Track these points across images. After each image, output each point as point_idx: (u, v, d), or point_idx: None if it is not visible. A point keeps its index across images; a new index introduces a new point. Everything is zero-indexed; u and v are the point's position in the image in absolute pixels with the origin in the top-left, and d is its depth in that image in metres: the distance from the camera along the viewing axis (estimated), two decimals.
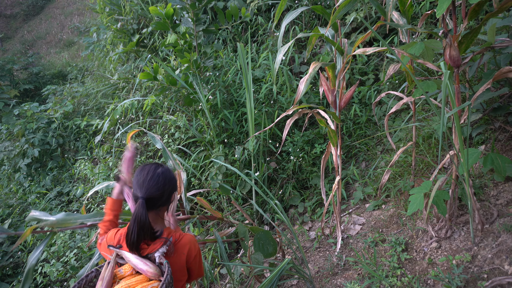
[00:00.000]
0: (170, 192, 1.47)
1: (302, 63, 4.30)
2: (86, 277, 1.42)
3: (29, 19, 14.62)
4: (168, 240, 1.39)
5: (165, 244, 1.38)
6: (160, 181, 1.41)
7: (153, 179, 1.41)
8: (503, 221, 2.17)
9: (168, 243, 1.39)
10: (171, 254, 1.39)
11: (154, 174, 1.42)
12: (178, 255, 1.43)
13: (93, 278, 1.43)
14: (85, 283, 1.41)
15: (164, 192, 1.42)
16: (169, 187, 1.45)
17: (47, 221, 1.78)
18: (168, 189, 1.45)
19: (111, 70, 6.24)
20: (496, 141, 2.64)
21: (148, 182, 1.39)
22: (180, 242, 1.45)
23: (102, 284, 1.30)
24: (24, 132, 5.84)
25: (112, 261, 1.36)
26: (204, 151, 3.80)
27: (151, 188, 1.38)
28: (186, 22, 3.68)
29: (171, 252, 1.39)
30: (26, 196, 5.51)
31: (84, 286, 1.41)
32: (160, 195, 1.41)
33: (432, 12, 2.29)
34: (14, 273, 4.41)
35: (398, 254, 2.41)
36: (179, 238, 1.46)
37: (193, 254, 1.48)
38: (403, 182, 2.88)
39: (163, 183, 1.42)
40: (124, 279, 1.35)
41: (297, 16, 2.52)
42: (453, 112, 1.72)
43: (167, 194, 1.45)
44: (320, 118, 2.44)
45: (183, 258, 1.44)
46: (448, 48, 1.88)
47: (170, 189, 1.46)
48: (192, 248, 1.48)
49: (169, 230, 1.47)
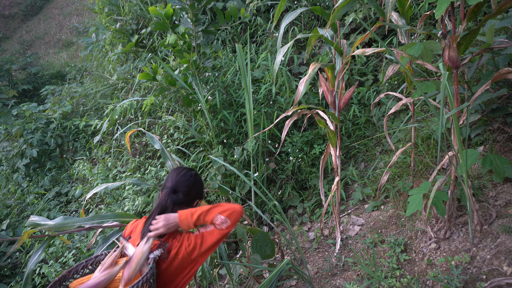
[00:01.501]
0: (196, 195, 1.55)
1: (301, 63, 4.31)
2: (95, 257, 1.50)
3: (27, 19, 14.59)
4: (163, 245, 1.41)
5: (160, 247, 1.40)
6: (190, 180, 1.52)
7: (185, 176, 1.52)
8: (501, 222, 2.18)
9: (162, 248, 1.40)
10: (164, 259, 1.41)
11: (187, 173, 1.54)
12: (171, 261, 1.43)
13: (101, 260, 1.50)
14: (93, 262, 1.49)
15: (190, 191, 1.52)
16: (196, 189, 1.55)
17: (46, 225, 1.78)
18: (195, 191, 1.54)
19: (110, 70, 6.23)
20: (495, 142, 2.64)
21: (179, 177, 1.51)
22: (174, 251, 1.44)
23: (101, 269, 1.35)
24: (22, 132, 5.82)
25: (118, 250, 1.42)
26: (203, 152, 3.80)
27: (180, 182, 1.50)
28: (186, 23, 3.68)
29: (164, 258, 1.40)
30: (24, 196, 5.50)
31: (91, 265, 1.48)
32: (187, 192, 1.50)
33: (431, 13, 2.30)
34: (12, 273, 4.40)
35: (397, 255, 2.41)
36: (175, 247, 1.44)
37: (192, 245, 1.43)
38: (402, 183, 2.88)
39: (192, 182, 1.53)
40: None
41: (296, 16, 2.52)
42: (452, 113, 1.72)
43: (193, 195, 1.53)
44: (319, 119, 2.44)
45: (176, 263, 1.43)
46: (447, 49, 1.89)
47: (196, 191, 1.55)
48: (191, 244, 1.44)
49: (172, 235, 1.47)
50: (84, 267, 1.47)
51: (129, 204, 3.74)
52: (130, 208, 3.73)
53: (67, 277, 1.41)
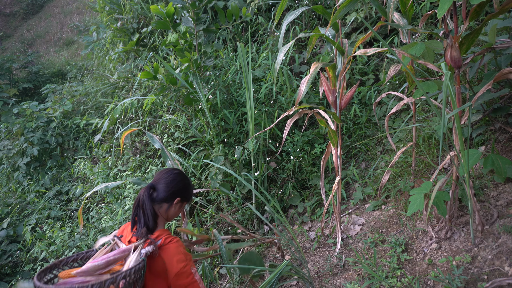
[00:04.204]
0: (175, 192, 1.56)
1: (302, 63, 4.30)
2: (86, 252, 1.57)
3: (28, 17, 14.59)
4: (153, 242, 1.43)
5: (151, 244, 1.42)
6: (170, 178, 1.56)
7: (167, 174, 1.58)
8: (503, 222, 2.17)
9: (154, 245, 1.42)
10: (155, 256, 1.43)
11: (169, 171, 1.59)
12: (158, 260, 1.43)
13: (91, 256, 1.56)
14: (83, 257, 1.55)
15: (169, 188, 1.54)
16: (176, 186, 1.56)
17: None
18: (175, 188, 1.55)
19: (111, 69, 6.22)
20: (497, 142, 2.64)
21: (161, 175, 1.58)
22: (165, 247, 1.45)
23: (91, 261, 1.38)
24: (23, 131, 5.83)
25: (109, 247, 1.48)
26: (204, 151, 3.79)
27: (160, 179, 1.55)
28: (187, 22, 3.67)
29: (155, 254, 1.42)
30: (25, 195, 5.50)
31: (81, 259, 1.54)
32: (165, 188, 1.53)
33: (432, 12, 2.29)
34: (13, 272, 4.40)
35: (398, 255, 2.41)
36: (165, 243, 1.46)
37: (174, 263, 1.41)
38: (403, 183, 2.88)
39: (172, 180, 1.56)
40: None
41: (297, 16, 2.51)
42: (453, 113, 1.72)
43: (172, 192, 1.54)
44: (320, 118, 2.44)
45: (161, 265, 1.43)
46: (449, 48, 1.88)
47: (177, 188, 1.56)
48: (174, 259, 1.42)
49: (162, 232, 1.49)
50: (74, 261, 1.52)
51: (130, 203, 3.74)
52: (130, 208, 3.74)
53: (57, 266, 1.46)
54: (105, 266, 1.34)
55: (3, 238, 4.65)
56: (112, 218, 3.91)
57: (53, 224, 4.46)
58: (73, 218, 4.85)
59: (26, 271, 4.21)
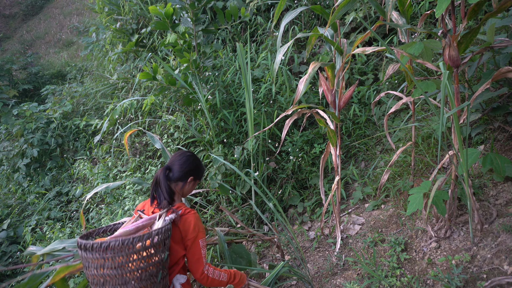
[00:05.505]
0: (189, 172, 1.74)
1: (301, 63, 4.30)
2: (114, 225, 1.74)
3: (28, 19, 14.59)
4: (175, 211, 1.64)
5: (174, 213, 1.63)
6: (183, 159, 1.75)
7: (181, 156, 1.76)
8: (502, 221, 2.18)
9: (176, 213, 1.63)
10: (177, 222, 1.63)
11: (184, 154, 1.77)
12: (176, 229, 1.64)
13: (117, 228, 1.74)
14: (111, 229, 1.72)
15: (183, 169, 1.72)
16: (189, 167, 1.75)
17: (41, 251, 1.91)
18: (188, 168, 1.74)
19: (110, 70, 6.23)
20: (495, 141, 2.64)
21: (175, 157, 1.77)
22: (184, 217, 1.66)
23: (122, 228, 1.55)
24: (23, 132, 5.83)
25: (134, 218, 1.68)
26: (204, 151, 3.80)
27: (175, 161, 1.74)
28: (186, 22, 3.68)
29: (178, 221, 1.63)
30: (25, 196, 5.50)
31: (109, 231, 1.72)
32: (179, 168, 1.72)
33: (431, 12, 2.29)
34: (13, 273, 4.41)
35: (397, 254, 2.41)
36: (185, 213, 1.67)
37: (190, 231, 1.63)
38: (402, 182, 2.88)
39: (185, 161, 1.74)
40: None
41: (296, 16, 2.52)
42: (452, 112, 1.72)
43: (185, 172, 1.73)
44: (320, 118, 2.44)
45: (178, 233, 1.64)
46: (447, 48, 1.88)
47: (189, 169, 1.74)
48: (191, 226, 1.64)
49: (181, 205, 1.72)
50: (104, 232, 1.71)
51: (130, 204, 3.75)
52: (131, 208, 3.74)
53: (92, 234, 1.67)
54: (135, 231, 1.52)
55: (3, 239, 4.66)
56: (112, 219, 3.91)
57: (53, 225, 4.46)
58: (73, 219, 4.86)
59: (27, 272, 4.21)
